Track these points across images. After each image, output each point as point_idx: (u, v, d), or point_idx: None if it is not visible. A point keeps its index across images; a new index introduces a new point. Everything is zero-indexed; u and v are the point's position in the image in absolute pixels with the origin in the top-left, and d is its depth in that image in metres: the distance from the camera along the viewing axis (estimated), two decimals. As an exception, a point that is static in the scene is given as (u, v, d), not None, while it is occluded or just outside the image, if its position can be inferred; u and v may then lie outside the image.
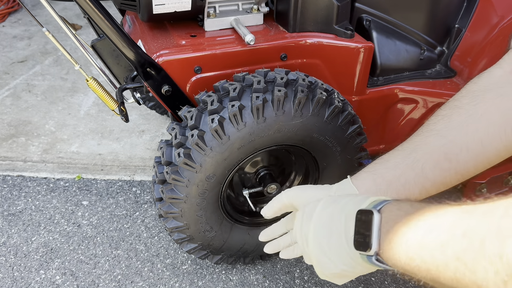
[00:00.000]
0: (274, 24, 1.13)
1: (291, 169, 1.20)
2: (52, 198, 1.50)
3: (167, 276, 1.24)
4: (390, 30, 1.21)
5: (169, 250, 1.32)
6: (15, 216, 1.42)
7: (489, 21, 1.19)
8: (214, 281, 1.23)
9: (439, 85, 1.23)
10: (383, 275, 1.25)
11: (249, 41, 0.99)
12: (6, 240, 1.34)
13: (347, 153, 1.05)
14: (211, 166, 0.93)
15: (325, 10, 1.05)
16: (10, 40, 2.58)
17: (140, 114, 1.93)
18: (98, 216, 1.43)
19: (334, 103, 0.95)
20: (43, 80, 2.18)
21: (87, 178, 1.59)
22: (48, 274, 1.24)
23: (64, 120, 1.89)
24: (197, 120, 0.92)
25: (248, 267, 1.27)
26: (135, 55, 0.94)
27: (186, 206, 0.99)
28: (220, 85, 0.96)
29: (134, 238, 1.36)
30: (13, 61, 2.35)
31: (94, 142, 1.77)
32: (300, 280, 1.24)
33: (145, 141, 1.78)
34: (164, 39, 1.05)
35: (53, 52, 2.43)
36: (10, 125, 1.85)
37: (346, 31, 1.07)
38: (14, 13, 2.93)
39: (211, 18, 1.07)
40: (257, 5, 1.10)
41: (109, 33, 0.92)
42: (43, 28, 0.96)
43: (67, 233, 1.37)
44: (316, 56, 1.09)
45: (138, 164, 1.66)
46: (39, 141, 1.76)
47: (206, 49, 1.02)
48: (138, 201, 1.49)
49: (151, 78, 0.98)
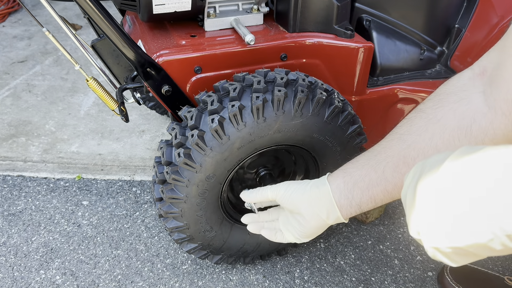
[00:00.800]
0: (274, 24, 1.13)
1: (291, 169, 1.20)
2: (52, 198, 1.50)
3: (167, 276, 1.24)
4: (390, 30, 1.21)
5: (169, 250, 1.32)
6: (15, 216, 1.42)
7: (489, 21, 1.19)
8: (214, 281, 1.23)
9: (439, 85, 1.23)
10: (383, 276, 1.25)
11: (249, 41, 1.00)
12: (6, 240, 1.34)
13: (347, 153, 1.05)
14: (211, 166, 0.94)
15: (325, 10, 1.05)
16: (10, 40, 2.58)
17: (140, 114, 1.93)
18: (98, 216, 1.43)
19: (334, 103, 0.95)
20: (43, 80, 2.18)
21: (87, 178, 1.59)
22: (48, 274, 1.24)
23: (64, 120, 1.89)
24: (197, 120, 0.92)
25: (248, 267, 1.27)
26: (135, 55, 0.94)
27: (186, 206, 0.99)
28: (220, 85, 0.96)
29: (134, 238, 1.36)
30: (13, 61, 2.35)
31: (94, 142, 1.77)
32: (300, 280, 1.24)
33: (145, 141, 1.78)
34: (164, 39, 1.05)
35: (53, 52, 2.43)
36: (10, 125, 1.85)
37: (346, 31, 1.07)
38: (14, 13, 2.93)
39: (211, 18, 1.07)
40: (257, 5, 1.10)
41: (109, 33, 0.92)
42: (43, 28, 0.96)
43: (67, 233, 1.37)
44: (316, 56, 1.09)
45: (138, 164, 1.66)
46: (39, 141, 1.76)
47: (206, 49, 1.02)
48: (138, 201, 1.49)
49: (151, 78, 0.98)
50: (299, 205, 0.78)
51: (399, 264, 1.29)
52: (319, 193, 0.75)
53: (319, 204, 0.75)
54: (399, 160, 0.66)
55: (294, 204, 0.79)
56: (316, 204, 0.75)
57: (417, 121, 0.67)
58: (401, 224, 1.42)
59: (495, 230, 0.36)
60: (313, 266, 1.28)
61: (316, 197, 0.75)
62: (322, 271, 1.27)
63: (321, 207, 0.75)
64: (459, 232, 0.39)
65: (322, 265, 1.28)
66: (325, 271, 1.27)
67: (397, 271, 1.27)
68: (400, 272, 1.27)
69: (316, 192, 0.76)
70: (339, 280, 1.24)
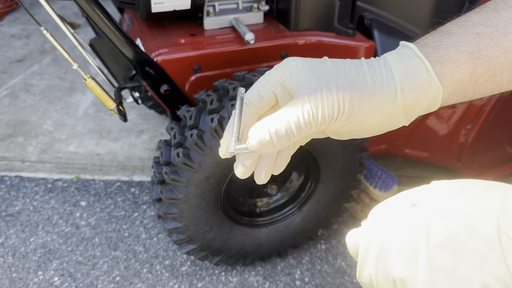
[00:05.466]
0: (275, 23, 1.12)
1: (291, 169, 1.19)
2: (50, 198, 1.49)
3: (166, 278, 1.23)
4: (391, 29, 1.20)
5: (168, 251, 1.31)
6: (13, 217, 1.41)
7: (491, 20, 1.18)
8: (213, 283, 1.22)
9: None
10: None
11: (249, 39, 0.98)
12: (4, 241, 1.33)
13: (348, 153, 1.04)
14: (210, 166, 0.92)
15: (326, 9, 1.04)
16: (8, 39, 2.57)
17: (138, 113, 1.92)
18: (97, 217, 1.42)
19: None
20: (41, 80, 2.17)
21: (85, 178, 1.57)
22: (46, 275, 1.23)
23: (62, 120, 1.88)
24: (197, 120, 0.91)
25: (248, 268, 1.26)
26: (133, 54, 0.93)
27: (185, 206, 0.98)
28: (219, 84, 0.95)
29: (133, 239, 1.35)
30: (11, 61, 2.34)
31: (92, 142, 1.75)
32: (301, 282, 1.23)
33: (144, 141, 1.77)
34: (163, 38, 1.04)
35: (51, 51, 2.41)
36: (8, 125, 1.84)
37: (347, 30, 1.06)
38: (12, 12, 2.92)
39: (210, 16, 1.06)
40: (257, 4, 1.09)
41: (108, 32, 0.91)
42: (41, 27, 0.95)
43: (65, 234, 1.36)
44: (316, 55, 1.08)
45: (136, 164, 1.65)
46: (37, 141, 1.75)
47: (205, 48, 1.01)
48: (137, 201, 1.48)
49: (150, 77, 0.97)
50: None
51: (400, 265, 1.28)
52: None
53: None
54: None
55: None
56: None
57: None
58: (402, 224, 1.41)
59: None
60: (313, 268, 1.27)
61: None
62: (323, 272, 1.26)
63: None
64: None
65: (323, 267, 1.27)
66: (326, 272, 1.26)
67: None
68: (402, 273, 1.26)
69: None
70: (340, 281, 1.23)
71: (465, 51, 0.43)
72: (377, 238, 0.36)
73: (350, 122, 0.42)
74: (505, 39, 0.43)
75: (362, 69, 0.42)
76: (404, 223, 0.35)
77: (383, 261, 0.35)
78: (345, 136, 0.47)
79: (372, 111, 0.42)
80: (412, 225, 0.34)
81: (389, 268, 0.35)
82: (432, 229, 0.33)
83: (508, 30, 0.43)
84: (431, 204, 0.34)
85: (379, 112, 0.42)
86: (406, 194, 0.38)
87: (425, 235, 0.33)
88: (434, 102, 0.43)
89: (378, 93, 0.41)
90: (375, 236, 0.37)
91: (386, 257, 0.35)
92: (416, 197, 0.36)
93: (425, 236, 0.33)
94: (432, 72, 0.42)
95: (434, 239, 0.32)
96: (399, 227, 0.35)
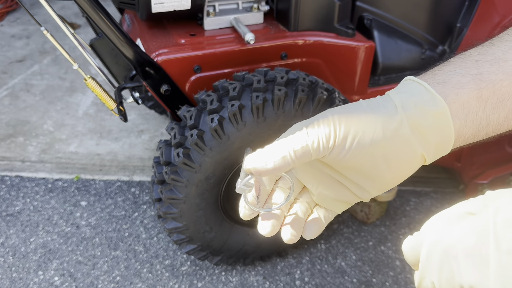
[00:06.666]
0: (274, 23, 1.12)
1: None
2: (50, 198, 1.49)
3: (166, 278, 1.23)
4: (391, 29, 1.20)
5: (168, 251, 1.31)
6: (13, 217, 1.41)
7: (491, 20, 1.18)
8: (213, 283, 1.22)
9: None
10: (385, 277, 1.25)
11: (249, 40, 0.99)
12: (4, 240, 1.33)
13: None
14: (210, 166, 0.93)
15: (326, 9, 1.05)
16: (8, 39, 2.57)
17: (139, 113, 1.92)
18: (97, 217, 1.42)
19: (335, 102, 0.94)
20: (42, 80, 2.17)
21: (85, 178, 1.58)
22: (47, 275, 1.23)
23: (62, 120, 1.88)
24: (197, 120, 0.91)
25: (248, 268, 1.26)
26: (134, 54, 0.93)
27: (185, 206, 0.98)
28: (219, 84, 0.95)
29: (133, 239, 1.35)
30: (12, 61, 2.34)
31: (92, 142, 1.76)
32: (301, 282, 1.23)
33: (144, 141, 1.77)
34: (163, 38, 1.04)
35: (52, 51, 2.41)
36: (8, 125, 1.84)
37: (347, 30, 1.06)
38: (13, 12, 2.92)
39: (210, 17, 1.06)
40: (257, 4, 1.09)
41: (108, 32, 0.91)
42: (42, 27, 0.95)
43: (65, 234, 1.36)
44: (316, 55, 1.08)
45: (137, 164, 1.65)
46: (37, 141, 1.75)
47: (205, 48, 1.01)
48: (137, 201, 1.48)
49: (150, 78, 0.97)
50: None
51: (401, 265, 1.28)
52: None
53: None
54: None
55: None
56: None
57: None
58: (402, 225, 1.41)
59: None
60: (313, 267, 1.27)
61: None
62: (322, 272, 1.26)
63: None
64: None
65: (322, 266, 1.27)
66: (325, 272, 1.26)
67: (399, 272, 1.26)
68: (402, 273, 1.26)
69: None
70: (340, 281, 1.23)
71: (466, 74, 0.42)
72: (440, 244, 0.36)
73: (353, 147, 0.41)
74: (505, 64, 0.42)
75: (358, 103, 0.43)
76: (468, 229, 0.35)
77: (448, 268, 0.35)
78: (367, 185, 0.44)
79: (374, 128, 0.40)
80: (477, 231, 0.34)
81: (456, 276, 0.34)
82: (501, 235, 0.32)
83: (507, 57, 0.42)
84: (494, 210, 0.34)
85: (381, 129, 0.40)
86: (461, 205, 0.38)
87: (493, 241, 0.32)
88: (444, 122, 0.41)
89: (375, 111, 0.41)
90: (438, 243, 0.36)
91: (452, 264, 0.35)
92: (473, 206, 0.36)
93: (494, 242, 0.32)
94: (431, 89, 0.41)
95: (505, 246, 0.32)
96: (463, 233, 0.35)
